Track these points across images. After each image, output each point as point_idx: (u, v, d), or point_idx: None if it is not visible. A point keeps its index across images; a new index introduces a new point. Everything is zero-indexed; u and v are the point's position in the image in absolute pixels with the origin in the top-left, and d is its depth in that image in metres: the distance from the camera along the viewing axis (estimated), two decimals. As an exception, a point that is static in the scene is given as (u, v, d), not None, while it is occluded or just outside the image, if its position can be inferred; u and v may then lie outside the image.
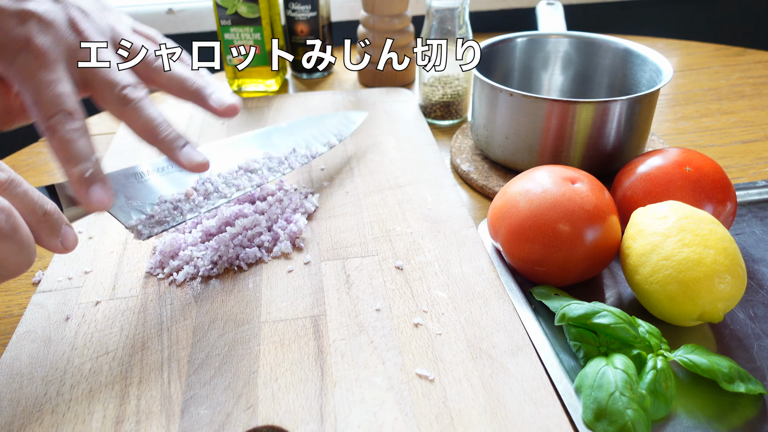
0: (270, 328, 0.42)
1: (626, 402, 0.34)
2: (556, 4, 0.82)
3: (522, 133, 0.57)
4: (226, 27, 0.76)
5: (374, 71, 0.81)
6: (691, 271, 0.39)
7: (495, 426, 0.35)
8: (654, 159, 0.49)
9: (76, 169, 0.38)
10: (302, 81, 0.86)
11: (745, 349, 0.41)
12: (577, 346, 0.40)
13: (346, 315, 0.43)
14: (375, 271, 0.47)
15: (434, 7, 0.66)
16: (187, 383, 0.38)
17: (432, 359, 0.39)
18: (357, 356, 0.40)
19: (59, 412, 0.37)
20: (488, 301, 0.44)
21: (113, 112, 0.42)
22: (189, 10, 0.99)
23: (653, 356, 0.38)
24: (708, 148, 0.67)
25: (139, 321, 0.43)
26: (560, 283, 0.45)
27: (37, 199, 0.34)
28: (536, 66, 0.70)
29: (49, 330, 0.42)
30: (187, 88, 0.46)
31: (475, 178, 0.60)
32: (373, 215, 0.54)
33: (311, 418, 0.36)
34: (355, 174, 0.60)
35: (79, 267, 0.48)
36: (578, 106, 0.54)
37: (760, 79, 0.84)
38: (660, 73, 0.58)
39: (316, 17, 0.81)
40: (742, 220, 0.54)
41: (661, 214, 0.42)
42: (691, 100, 0.79)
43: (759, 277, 0.47)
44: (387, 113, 0.72)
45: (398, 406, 0.36)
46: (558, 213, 0.43)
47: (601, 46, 0.66)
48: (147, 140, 0.42)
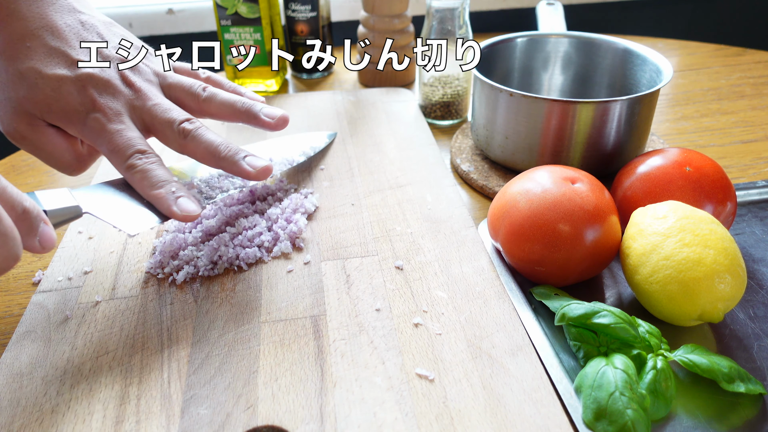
0: (270, 328, 0.42)
1: (626, 402, 0.34)
2: (556, 4, 0.82)
3: (522, 133, 0.57)
4: (226, 27, 0.76)
5: (374, 71, 0.81)
6: (691, 271, 0.39)
7: (495, 426, 0.35)
8: (654, 159, 0.49)
9: (162, 190, 0.43)
10: (302, 81, 0.87)
11: (745, 349, 0.41)
12: (577, 346, 0.40)
13: (346, 315, 0.43)
14: (375, 271, 0.47)
15: (434, 7, 0.66)
16: (187, 383, 0.38)
17: (432, 359, 0.39)
18: (357, 356, 0.40)
19: (59, 412, 0.37)
20: (488, 301, 0.44)
21: (176, 147, 0.46)
22: (189, 10, 0.99)
23: (653, 356, 0.38)
24: (708, 148, 0.67)
25: (139, 321, 0.43)
26: (560, 283, 0.45)
27: (15, 196, 0.34)
28: (536, 66, 0.70)
29: (49, 330, 0.42)
30: (238, 110, 0.50)
31: (475, 178, 0.60)
32: (373, 215, 0.54)
33: (311, 418, 0.36)
34: (355, 174, 0.60)
35: (79, 267, 0.48)
36: (578, 106, 0.54)
37: (760, 79, 0.84)
38: (660, 73, 0.58)
39: (316, 17, 0.81)
40: (742, 220, 0.54)
41: (661, 214, 0.42)
42: (691, 100, 0.79)
43: (759, 277, 0.47)
44: (387, 113, 0.72)
45: (398, 406, 0.36)
46: (558, 213, 0.43)
47: (601, 46, 0.66)
48: (211, 164, 0.46)
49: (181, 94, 0.49)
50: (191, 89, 0.49)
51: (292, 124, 0.70)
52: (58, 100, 0.43)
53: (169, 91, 0.49)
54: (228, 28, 0.76)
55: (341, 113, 0.73)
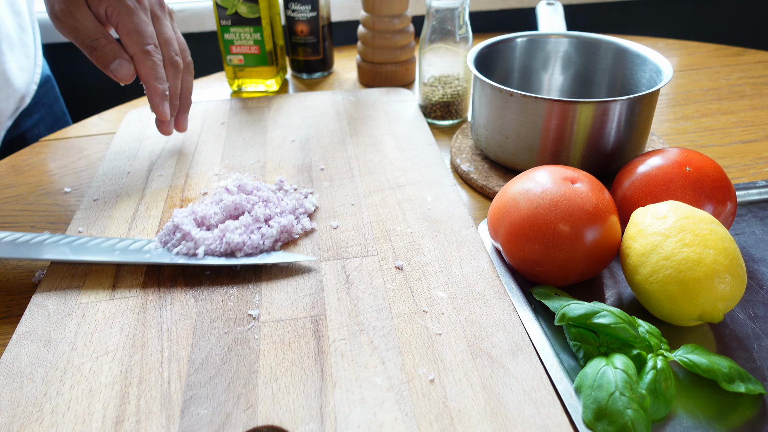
0: (270, 328, 0.42)
1: (626, 402, 0.34)
2: (556, 4, 0.82)
3: (522, 133, 0.57)
4: (226, 27, 0.76)
5: (374, 71, 0.81)
6: (691, 271, 0.39)
7: (495, 426, 0.35)
8: (654, 159, 0.49)
9: (160, 86, 0.57)
10: (302, 81, 0.87)
11: (745, 349, 0.41)
12: (577, 346, 0.40)
13: (346, 315, 0.43)
14: (375, 271, 0.47)
15: (434, 7, 0.66)
16: (187, 383, 0.38)
17: (432, 359, 0.39)
18: (357, 356, 0.40)
19: (59, 412, 0.37)
20: (488, 301, 0.44)
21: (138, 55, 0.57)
22: (189, 10, 0.99)
23: (653, 356, 0.38)
24: (708, 148, 0.67)
25: (139, 321, 0.43)
26: (560, 283, 0.45)
27: None
28: (536, 66, 0.70)
29: (49, 330, 0.42)
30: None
31: (475, 178, 0.60)
32: (373, 215, 0.54)
33: (311, 418, 0.36)
34: (355, 174, 0.60)
35: (79, 267, 0.48)
36: (578, 106, 0.54)
37: (760, 79, 0.84)
38: (660, 73, 0.58)
39: (316, 17, 0.81)
40: (742, 220, 0.54)
41: (661, 214, 0.42)
42: (691, 100, 0.79)
43: (759, 277, 0.47)
44: (387, 113, 0.72)
45: (398, 406, 0.36)
46: (558, 213, 0.43)
47: (601, 46, 0.66)
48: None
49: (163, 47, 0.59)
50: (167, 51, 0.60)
51: (293, 123, 0.70)
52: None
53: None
54: (228, 28, 0.76)
55: (341, 113, 0.73)
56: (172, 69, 0.59)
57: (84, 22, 0.55)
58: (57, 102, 0.88)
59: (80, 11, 0.54)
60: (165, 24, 0.60)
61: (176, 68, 0.60)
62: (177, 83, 0.60)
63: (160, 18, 0.59)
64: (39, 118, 0.83)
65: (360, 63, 0.83)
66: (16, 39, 0.76)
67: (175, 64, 0.59)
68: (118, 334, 0.42)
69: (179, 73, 0.60)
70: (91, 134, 0.73)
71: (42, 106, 0.84)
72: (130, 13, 0.55)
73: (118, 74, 0.55)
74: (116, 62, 0.55)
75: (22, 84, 0.77)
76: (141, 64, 0.56)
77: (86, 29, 0.55)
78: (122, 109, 0.79)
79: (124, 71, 0.55)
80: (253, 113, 0.73)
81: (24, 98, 0.78)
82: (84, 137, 0.72)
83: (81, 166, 0.66)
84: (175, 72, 0.60)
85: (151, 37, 0.56)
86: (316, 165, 0.62)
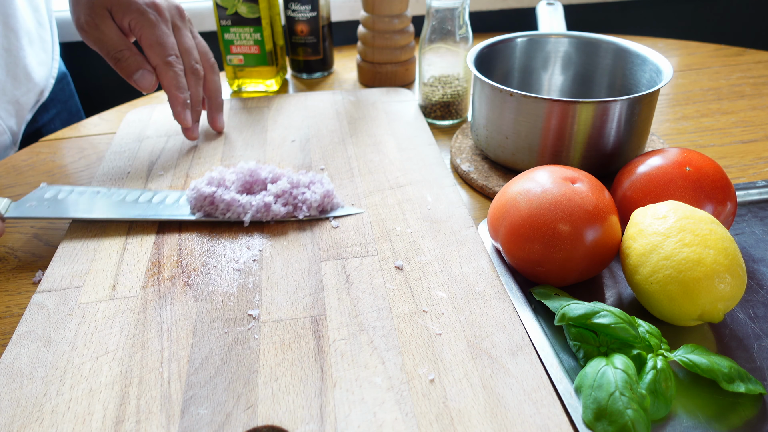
0: (270, 328, 0.42)
1: (626, 402, 0.34)
2: (556, 4, 0.82)
3: (522, 133, 0.57)
4: (226, 27, 0.76)
5: (374, 71, 0.81)
6: (691, 271, 0.39)
7: (495, 426, 0.35)
8: (654, 159, 0.49)
9: (181, 95, 0.60)
10: (302, 81, 0.86)
11: (745, 349, 0.41)
12: (577, 346, 0.40)
13: (346, 315, 0.43)
14: (375, 271, 0.47)
15: (434, 7, 0.66)
16: (187, 383, 0.38)
17: (432, 359, 0.39)
18: (357, 356, 0.40)
19: (59, 412, 0.37)
20: (488, 301, 0.44)
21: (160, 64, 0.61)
22: (189, 10, 0.98)
23: (653, 356, 0.38)
24: (708, 148, 0.67)
25: (139, 321, 0.43)
26: (560, 283, 0.45)
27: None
28: (536, 66, 0.70)
29: (49, 330, 0.42)
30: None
31: (475, 178, 0.60)
32: (373, 215, 0.54)
33: (311, 418, 0.36)
34: (355, 174, 0.60)
35: (79, 267, 0.48)
36: (578, 106, 0.54)
37: (760, 79, 0.84)
38: (660, 73, 0.58)
39: (316, 17, 0.81)
40: (742, 220, 0.54)
41: (661, 214, 0.42)
42: (691, 100, 0.79)
43: (759, 277, 0.47)
44: (387, 113, 0.72)
45: (398, 406, 0.36)
46: (558, 213, 0.43)
47: (601, 46, 0.66)
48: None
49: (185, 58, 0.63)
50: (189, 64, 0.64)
51: (293, 123, 0.70)
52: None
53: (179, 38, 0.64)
54: (228, 28, 0.76)
55: (341, 113, 0.73)
56: (192, 77, 0.62)
57: (109, 34, 0.58)
58: (72, 98, 0.89)
59: (105, 24, 0.58)
60: (185, 34, 0.63)
61: (197, 76, 0.63)
62: (198, 90, 0.64)
63: (180, 28, 0.62)
64: (55, 113, 0.84)
65: (360, 63, 0.83)
66: (35, 34, 0.77)
67: (196, 72, 0.63)
68: (118, 334, 0.42)
69: (200, 81, 0.64)
70: (91, 134, 0.73)
71: (58, 102, 0.85)
72: (152, 26, 0.58)
73: (141, 84, 0.59)
74: (139, 73, 0.58)
75: (42, 78, 0.78)
76: (163, 75, 0.59)
77: (111, 41, 0.58)
78: (122, 109, 0.79)
79: (146, 82, 0.58)
80: (253, 113, 0.73)
81: (43, 92, 0.79)
82: (84, 137, 0.72)
83: (81, 166, 0.66)
84: (196, 80, 0.63)
85: (173, 48, 0.59)
86: (316, 165, 0.62)
